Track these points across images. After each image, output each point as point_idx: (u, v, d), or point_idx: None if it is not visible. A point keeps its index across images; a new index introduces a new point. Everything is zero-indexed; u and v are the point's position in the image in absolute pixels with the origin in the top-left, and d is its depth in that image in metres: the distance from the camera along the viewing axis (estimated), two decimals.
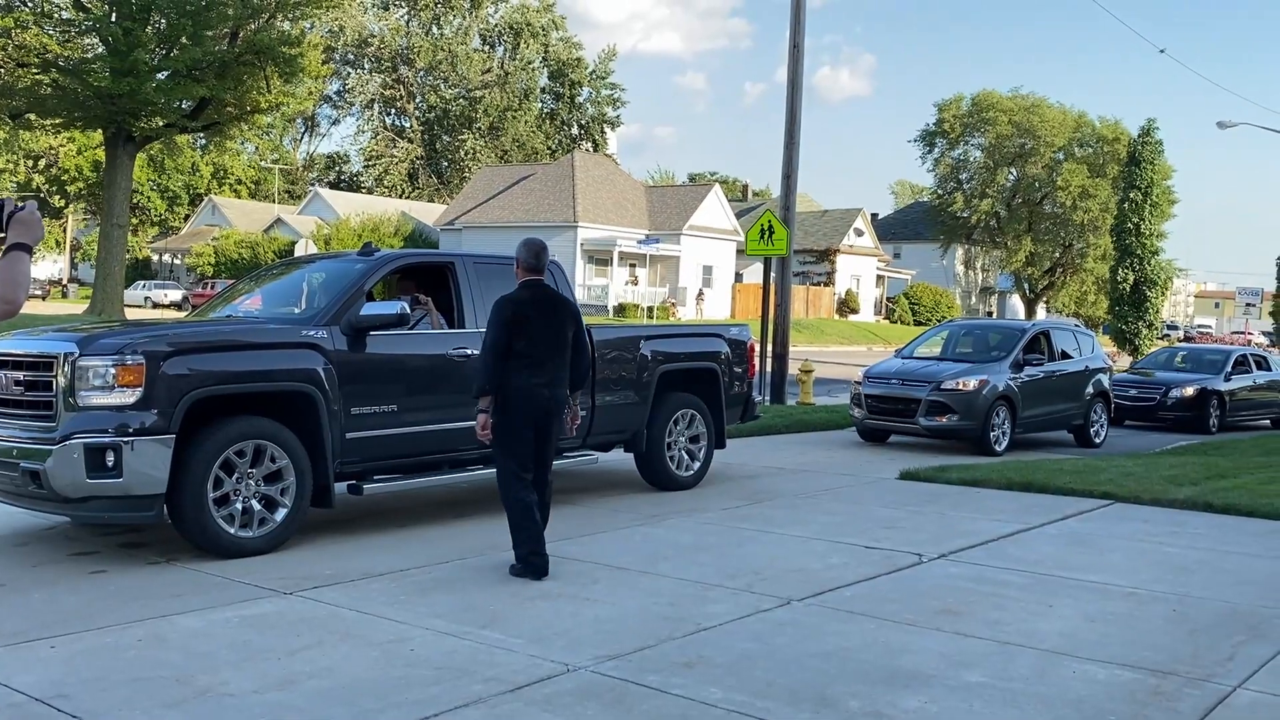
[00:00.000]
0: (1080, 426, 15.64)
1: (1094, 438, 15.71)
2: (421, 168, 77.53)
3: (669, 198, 56.59)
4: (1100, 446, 15.48)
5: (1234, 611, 5.99)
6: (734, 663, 4.90)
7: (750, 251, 18.64)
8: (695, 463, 9.98)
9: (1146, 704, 4.48)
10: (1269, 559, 7.46)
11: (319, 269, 8.60)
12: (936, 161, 72.71)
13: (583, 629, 5.39)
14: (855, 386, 14.70)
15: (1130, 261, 29.93)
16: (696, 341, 10.17)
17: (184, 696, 4.36)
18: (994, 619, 5.74)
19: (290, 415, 7.12)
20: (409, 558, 6.87)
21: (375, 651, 4.99)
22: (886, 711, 4.32)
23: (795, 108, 18.39)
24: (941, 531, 8.09)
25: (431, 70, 75.80)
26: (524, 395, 6.58)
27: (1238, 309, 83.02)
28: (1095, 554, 7.47)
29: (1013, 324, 17.55)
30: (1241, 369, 20.85)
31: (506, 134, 75.02)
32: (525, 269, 6.79)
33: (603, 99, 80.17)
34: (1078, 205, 67.06)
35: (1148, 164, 29.68)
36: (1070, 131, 69.25)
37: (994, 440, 13.72)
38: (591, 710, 4.29)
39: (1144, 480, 10.65)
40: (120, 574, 6.43)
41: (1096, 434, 15.80)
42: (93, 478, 6.34)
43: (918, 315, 63.02)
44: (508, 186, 56.24)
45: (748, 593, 6.15)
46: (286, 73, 31.89)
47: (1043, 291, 73.11)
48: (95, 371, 6.44)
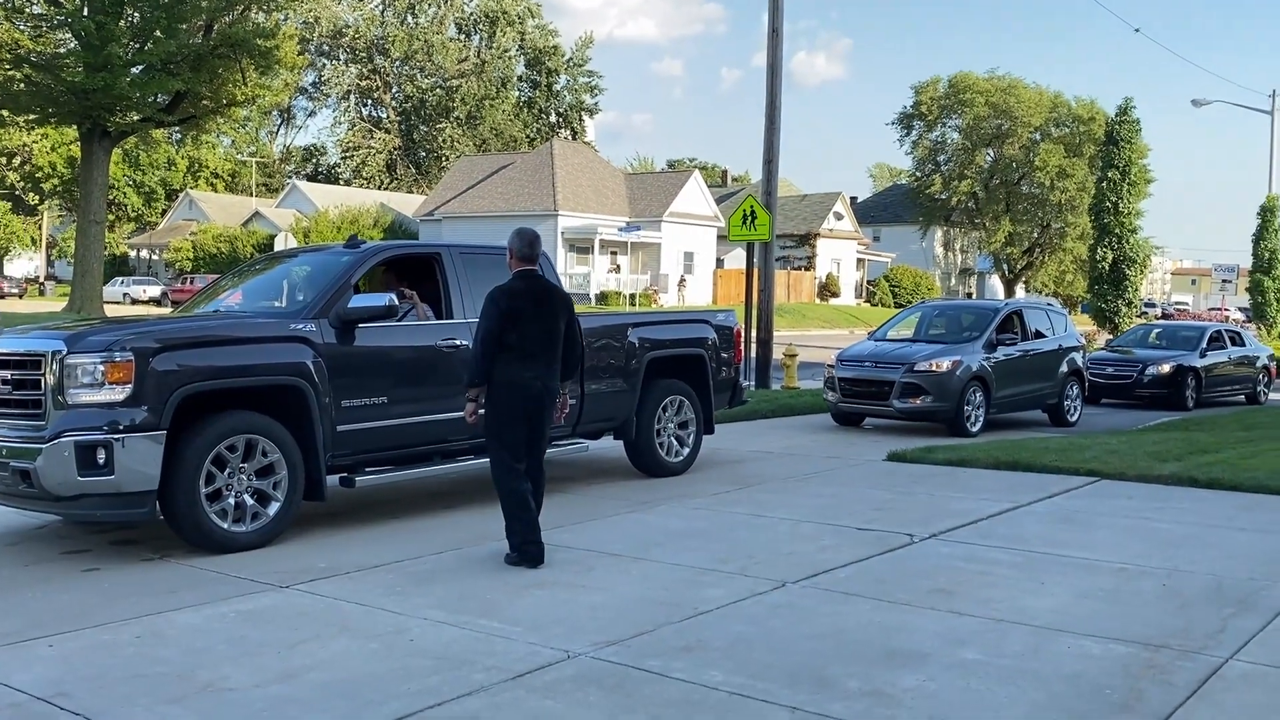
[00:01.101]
0: (1055, 405, 15.58)
1: (1068, 416, 15.65)
2: (399, 158, 77.19)
3: (649, 185, 56.54)
4: (1075, 425, 15.43)
5: (1222, 585, 6.06)
6: (732, 646, 4.94)
7: (733, 237, 18.67)
8: (684, 449, 10.01)
9: (1141, 677, 4.54)
10: (1253, 532, 7.55)
11: (304, 262, 8.57)
12: (914, 144, 72.90)
13: (580, 616, 5.42)
14: (829, 370, 14.64)
15: (1109, 240, 30.09)
16: (683, 328, 10.19)
17: (185, 692, 4.36)
18: (986, 597, 5.79)
19: (281, 409, 7.11)
20: (403, 549, 6.88)
21: (374, 643, 5.01)
22: (885, 690, 4.36)
23: (775, 93, 18.40)
24: (931, 512, 8.14)
25: (407, 60, 75.42)
26: (516, 386, 6.58)
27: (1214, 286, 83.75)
28: (1083, 531, 7.54)
29: (985, 304, 17.50)
30: (1216, 345, 20.99)
31: (484, 123, 74.74)
32: (519, 259, 6.78)
33: (580, 86, 79.97)
34: (1055, 185, 67.36)
35: (1126, 143, 29.84)
36: (1046, 112, 69.52)
37: (968, 421, 13.65)
38: (593, 696, 4.31)
39: (1128, 457, 10.74)
40: (114, 571, 6.42)
41: (1071, 412, 15.75)
42: (84, 475, 6.32)
43: (898, 298, 63.20)
44: (487, 176, 56.04)
45: (742, 576, 6.19)
46: (262, 65, 31.68)
47: (1022, 271, 73.45)
48: (84, 369, 6.42)
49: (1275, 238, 41.14)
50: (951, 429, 13.57)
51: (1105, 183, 30.20)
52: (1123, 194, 29.98)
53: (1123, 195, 29.99)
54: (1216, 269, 70.47)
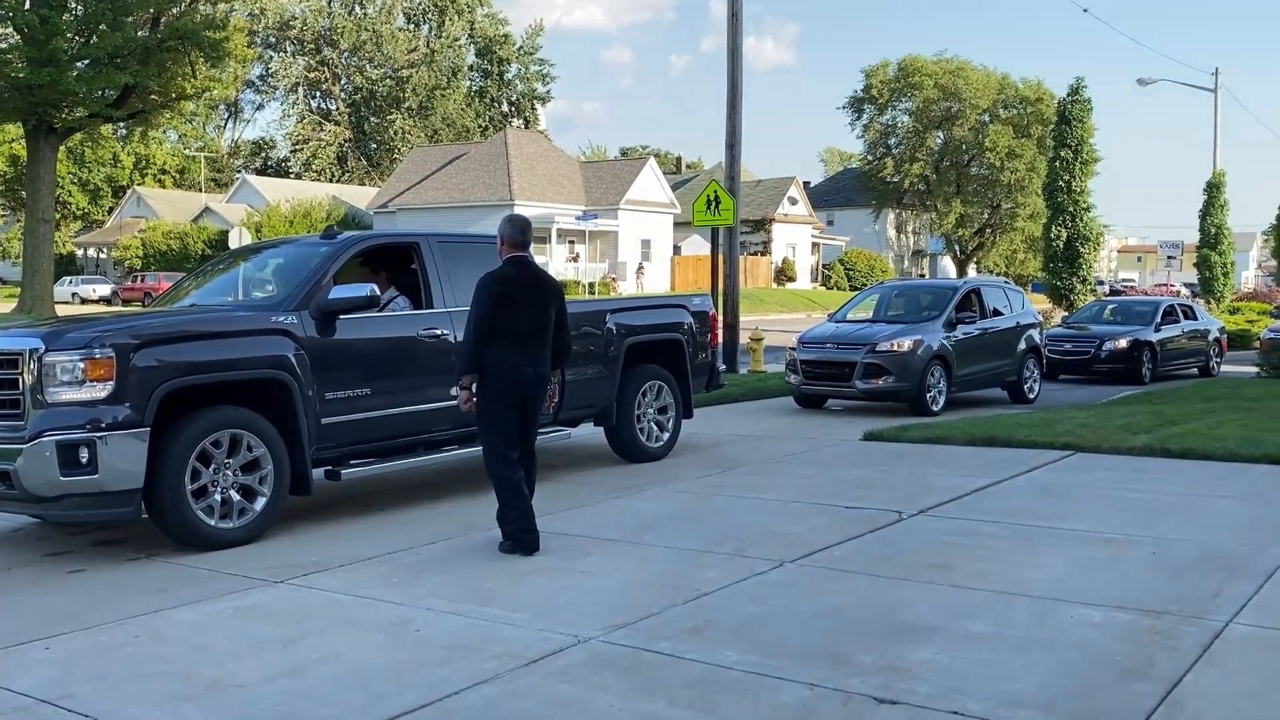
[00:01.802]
0: (1014, 383, 15.62)
1: (1028, 393, 15.71)
2: (350, 150, 76.37)
3: (604, 173, 56.42)
4: (1034, 402, 15.49)
5: (1210, 552, 6.17)
6: (740, 626, 4.95)
7: (698, 222, 18.67)
8: (664, 433, 10.02)
9: (1147, 643, 4.61)
10: (1231, 499, 7.69)
11: (281, 254, 8.46)
12: (866, 128, 73.39)
13: (583, 601, 5.40)
14: (790, 353, 14.63)
15: (1063, 219, 30.47)
16: (661, 313, 10.18)
17: (193, 690, 4.29)
18: (983, 570, 5.85)
19: (264, 403, 7.02)
20: (393, 540, 6.82)
21: (379, 635, 4.96)
22: (899, 665, 4.39)
23: (736, 77, 18.41)
24: (915, 489, 8.21)
25: (356, 51, 74.59)
26: (508, 372, 6.55)
27: (1160, 262, 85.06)
28: (1067, 503, 7.64)
29: (943, 283, 17.53)
30: (1170, 319, 21.28)
31: (436, 113, 74.14)
32: (510, 245, 6.75)
33: (532, 75, 79.55)
34: (1004, 166, 68.13)
35: (1078, 122, 30.21)
36: (994, 93, 70.25)
37: (930, 400, 13.65)
38: (610, 680, 4.30)
39: (1100, 430, 10.90)
40: (101, 572, 6.30)
41: (1030, 389, 15.81)
42: (67, 475, 6.20)
43: (853, 281, 63.61)
44: (440, 167, 55.63)
45: (739, 557, 6.20)
46: (212, 57, 31.15)
47: (973, 252, 74.25)
48: (63, 367, 6.28)
49: (1221, 213, 41.81)
50: (914, 408, 13.58)
51: (1058, 162, 30.56)
52: (1075, 173, 30.36)
53: (1075, 174, 30.36)
54: (1162, 245, 71.68)
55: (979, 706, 3.93)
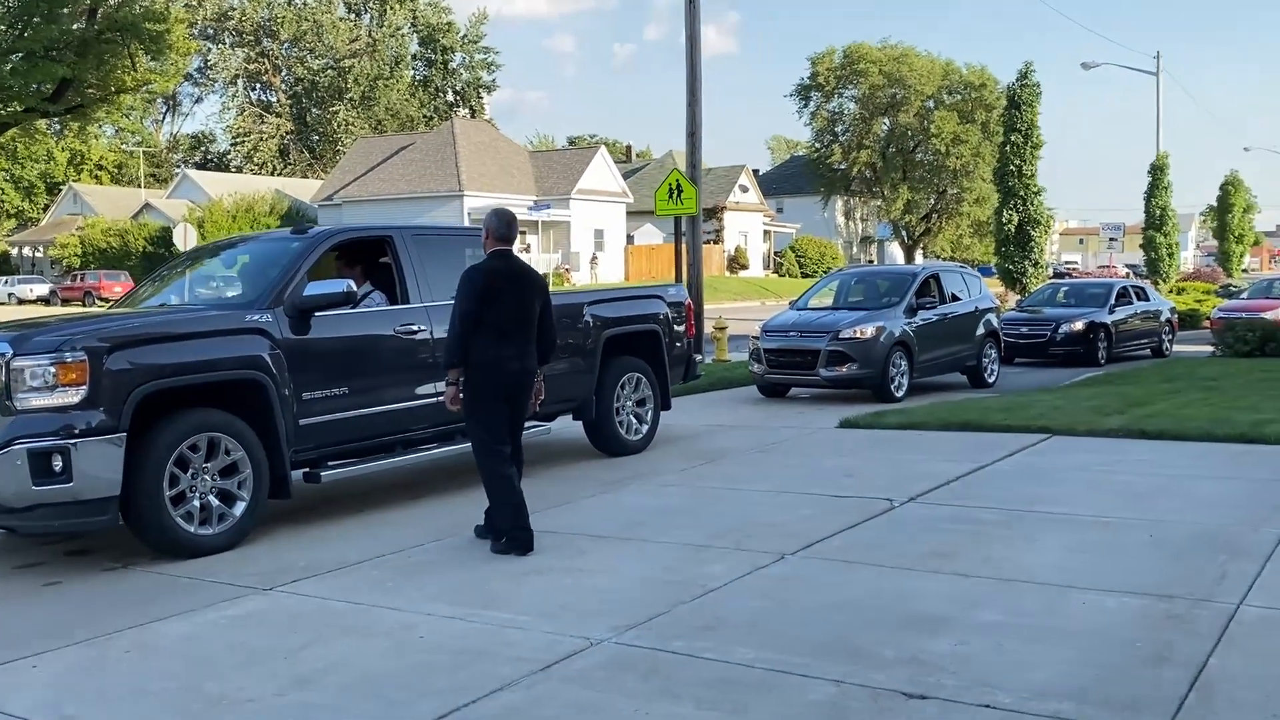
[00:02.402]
0: (974, 367, 15.61)
1: (987, 377, 15.71)
2: (292, 143, 75.20)
3: (554, 162, 56.11)
4: (993, 386, 15.50)
5: (1206, 532, 6.19)
6: (753, 622, 4.87)
7: (660, 211, 18.56)
8: (644, 426, 9.91)
9: (1164, 628, 4.60)
10: (1215, 480, 7.76)
11: (250, 250, 8.23)
12: (813, 115, 73.67)
13: (588, 601, 5.29)
14: (754, 342, 14.55)
15: (1014, 203, 30.75)
16: (637, 304, 10.07)
17: (200, 707, 4.13)
18: (984, 557, 5.82)
19: (241, 405, 6.81)
20: (379, 543, 6.65)
21: (384, 641, 4.81)
22: (921, 657, 4.33)
23: (696, 64, 18.30)
24: (900, 476, 8.18)
25: (296, 41, 73.40)
26: (495, 368, 6.45)
27: (1102, 244, 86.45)
28: (1055, 486, 7.65)
29: (902, 269, 17.50)
30: (1124, 301, 21.49)
31: (379, 103, 73.21)
32: (496, 239, 6.63)
33: (477, 64, 78.79)
34: (950, 151, 68.77)
35: (1027, 107, 30.49)
36: (939, 80, 70.87)
37: (894, 386, 13.62)
38: (630, 682, 4.20)
39: (1072, 413, 10.97)
40: (78, 583, 6.08)
41: (989, 373, 15.82)
42: (39, 484, 5.97)
43: (804, 268, 63.93)
44: (386, 158, 54.97)
45: (739, 551, 6.12)
46: (153, 50, 30.41)
47: (920, 238, 74.93)
48: (33, 372, 6.05)
49: (1165, 195, 42.54)
50: (877, 395, 13.51)
51: (1009, 146, 30.84)
52: (1025, 157, 30.66)
53: (1025, 158, 30.67)
54: (1104, 227, 72.97)
55: (1010, 699, 3.88)
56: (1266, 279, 30.52)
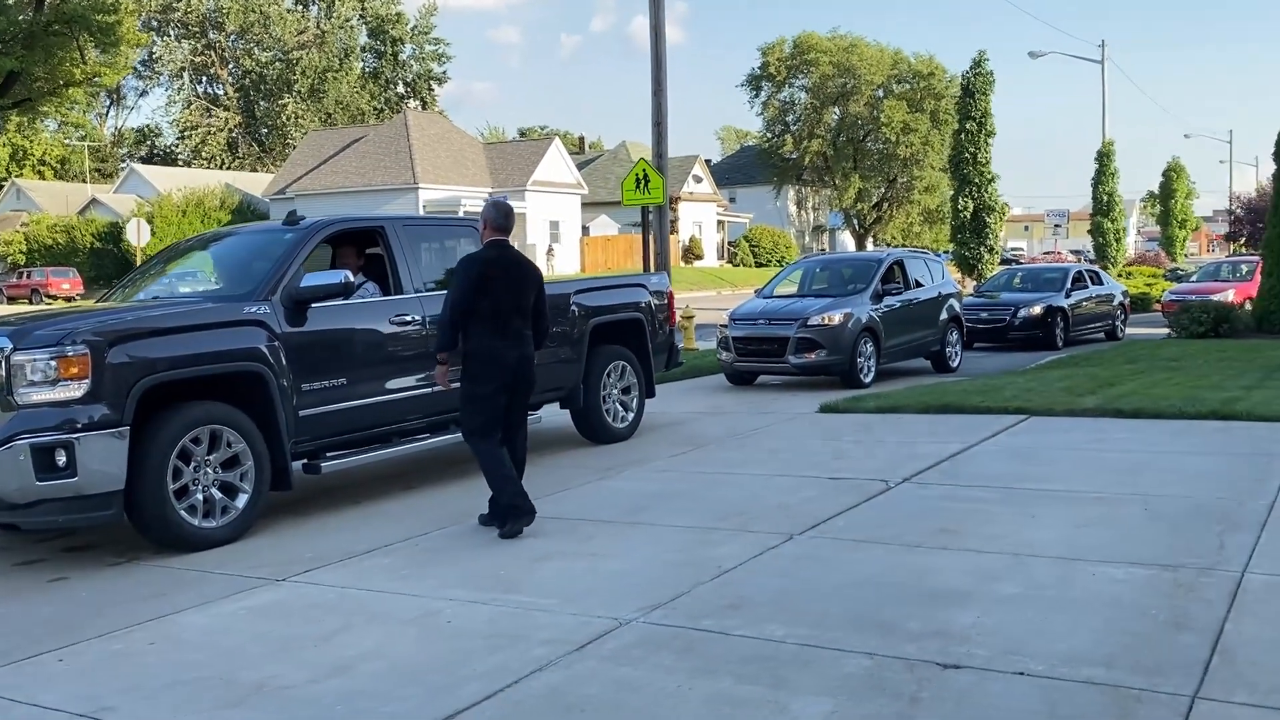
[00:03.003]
0: (938, 352, 15.79)
1: (950, 362, 15.88)
2: (241, 136, 74.14)
3: (509, 154, 55.84)
4: (956, 370, 15.65)
5: (1198, 505, 6.37)
6: (776, 600, 4.95)
7: (627, 201, 18.61)
8: (629, 413, 9.98)
9: (1175, 596, 4.75)
10: (1198, 455, 7.97)
11: (241, 242, 8.18)
12: (765, 105, 73.98)
13: (607, 584, 5.34)
14: (721, 330, 14.59)
15: (969, 190, 31.12)
16: (622, 293, 10.13)
17: (240, 695, 4.13)
18: (990, 533, 5.95)
19: (240, 397, 6.79)
20: (384, 533, 6.66)
21: (411, 628, 4.84)
22: (948, 630, 4.44)
23: (660, 55, 18.35)
24: (890, 457, 8.31)
25: (243, 33, 72.33)
26: (492, 358, 6.54)
27: (1047, 230, 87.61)
28: (1044, 465, 7.82)
29: (867, 255, 17.59)
30: (1080, 285, 21.85)
31: (329, 96, 72.38)
32: (493, 229, 6.69)
33: (427, 55, 78.15)
34: (900, 140, 69.40)
35: (981, 94, 30.84)
36: (888, 69, 71.47)
37: (861, 372, 13.72)
38: (668, 660, 4.26)
39: (1046, 394, 11.18)
40: (83, 579, 6.03)
41: (952, 358, 15.99)
42: (43, 480, 5.92)
43: (758, 257, 64.26)
44: (339, 150, 54.37)
45: (746, 532, 6.20)
46: (103, 42, 29.84)
47: (872, 226, 75.55)
48: (33, 366, 5.99)
49: (1112, 181, 43.24)
50: (845, 381, 13.60)
51: (963, 134, 31.18)
52: (980, 144, 31.03)
53: (980, 146, 31.03)
54: (1049, 214, 74.07)
55: (1042, 666, 3.99)
56: (1215, 263, 31.19)
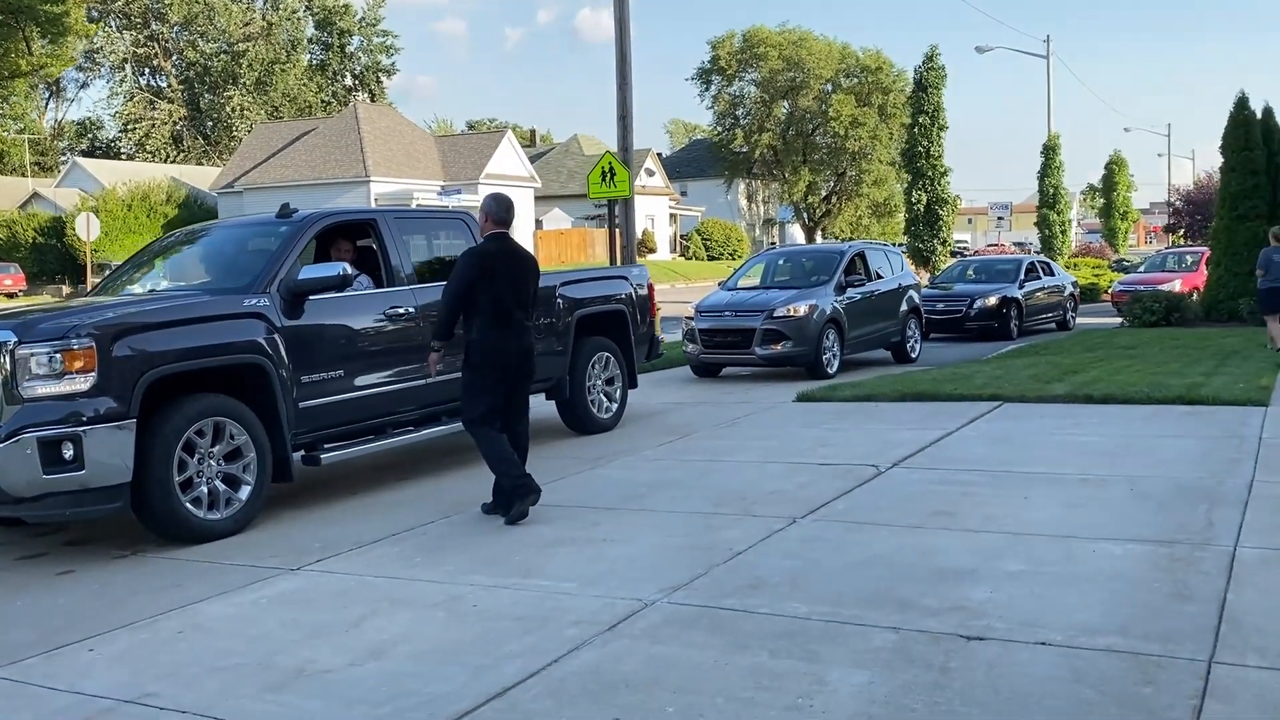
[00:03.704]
0: (898, 343, 16.02)
1: (910, 352, 16.13)
2: (186, 129, 72.96)
3: (461, 146, 55.56)
4: (916, 361, 15.89)
5: (1180, 485, 6.63)
6: (792, 580, 5.10)
7: (593, 195, 18.71)
8: (613, 404, 10.10)
9: (1174, 569, 4.97)
10: (1171, 438, 8.25)
11: (234, 235, 8.17)
12: (715, 99, 74.30)
13: (623, 568, 5.46)
14: (687, 322, 14.73)
15: (922, 183, 31.67)
16: (606, 284, 10.24)
17: (282, 679, 4.20)
18: (986, 514, 6.15)
19: (242, 389, 6.82)
20: (388, 523, 6.72)
21: (439, 613, 4.92)
22: (964, 605, 4.62)
23: (625, 49, 18.45)
24: (875, 443, 8.51)
25: (187, 25, 71.10)
26: (494, 349, 6.66)
27: (990, 223, 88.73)
28: (1025, 449, 8.06)
29: (829, 247, 17.79)
30: (1032, 276, 22.29)
31: (275, 88, 71.43)
32: (494, 221, 6.80)
33: (375, 47, 77.40)
34: (849, 134, 70.06)
35: (933, 89, 31.38)
36: (836, 63, 72.09)
37: (826, 364, 13.90)
38: (699, 638, 4.39)
39: (1015, 381, 11.46)
40: (92, 571, 6.04)
41: (912, 349, 16.23)
42: (50, 473, 5.91)
43: (711, 250, 64.58)
44: (288, 144, 53.73)
45: (749, 517, 6.35)
46: (51, 33, 29.30)
47: (821, 219, 76.22)
48: (39, 359, 5.98)
49: (1058, 174, 43.96)
50: (810, 373, 13.78)
51: (916, 128, 31.69)
52: (933, 138, 31.55)
53: (933, 140, 31.55)
54: (993, 206, 74.98)
55: (1061, 637, 4.18)
56: (1161, 253, 31.92)
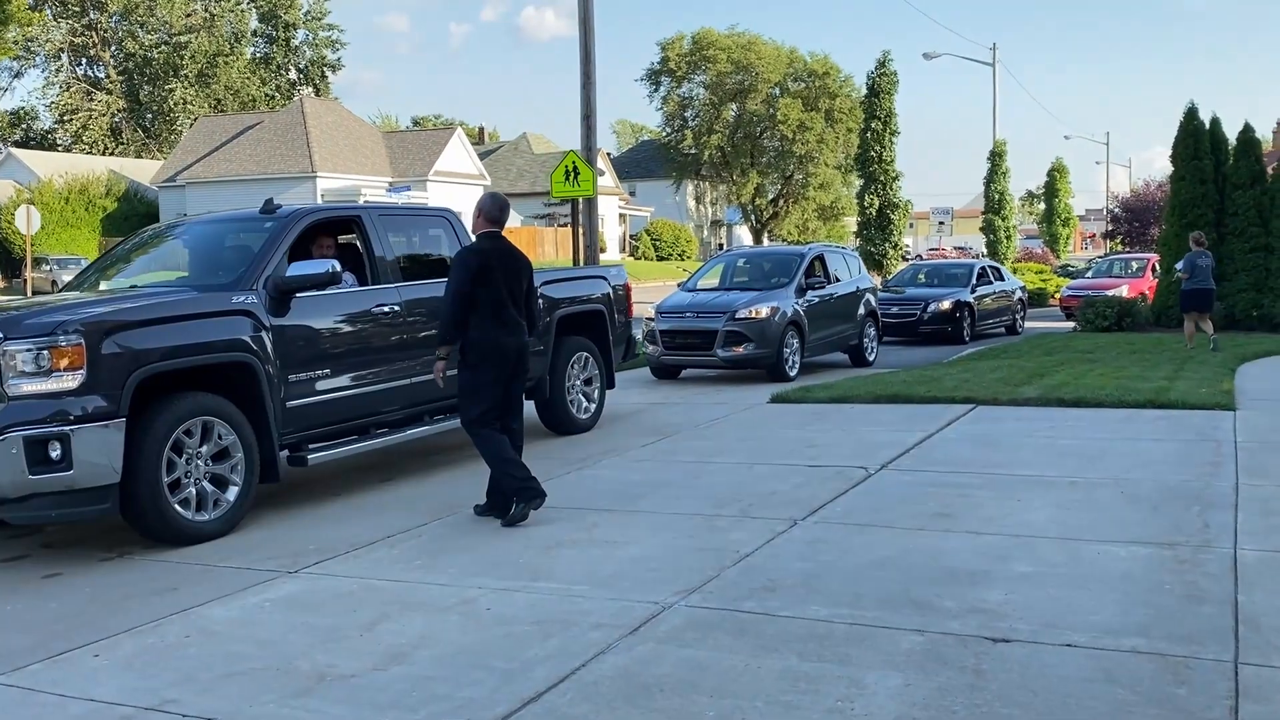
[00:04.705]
0: (856, 346, 16.11)
1: (867, 356, 16.22)
2: (125, 121, 71.46)
3: (409, 143, 55.04)
4: (873, 364, 15.96)
5: (1168, 487, 6.74)
6: (806, 582, 5.10)
7: (556, 193, 18.60)
8: (591, 404, 10.06)
9: (1181, 571, 5.05)
10: (1148, 441, 8.40)
11: (217, 231, 7.99)
12: (664, 100, 74.46)
13: (632, 570, 5.42)
14: (648, 323, 14.69)
15: (875, 188, 31.98)
16: (585, 284, 10.19)
17: (305, 685, 4.11)
18: (984, 516, 6.21)
19: (229, 388, 6.68)
20: (378, 525, 6.62)
21: (453, 616, 4.85)
22: (982, 606, 4.65)
23: (589, 47, 18.36)
24: (859, 445, 8.55)
25: (127, 15, 69.67)
26: (491, 348, 6.61)
27: (932, 228, 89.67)
28: (1007, 451, 8.15)
29: (788, 250, 17.79)
30: (984, 281, 22.62)
31: (218, 81, 70.22)
32: (487, 220, 6.77)
33: (321, 41, 76.40)
34: (796, 138, 70.58)
35: (886, 94, 31.69)
36: (784, 67, 72.61)
37: (787, 366, 13.91)
38: (725, 641, 4.37)
39: (984, 385, 11.59)
40: (81, 575, 5.87)
41: (869, 352, 16.32)
42: (36, 473, 5.75)
43: (660, 251, 64.71)
44: (232, 138, 52.89)
45: (749, 518, 6.35)
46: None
47: (768, 221, 76.70)
48: (25, 356, 5.81)
49: (1004, 180, 44.72)
50: (772, 375, 13.80)
51: (869, 133, 31.99)
52: (885, 143, 31.87)
53: (885, 144, 31.87)
54: (934, 211, 76.03)
55: (1084, 638, 4.23)
56: (1107, 259, 32.54)
